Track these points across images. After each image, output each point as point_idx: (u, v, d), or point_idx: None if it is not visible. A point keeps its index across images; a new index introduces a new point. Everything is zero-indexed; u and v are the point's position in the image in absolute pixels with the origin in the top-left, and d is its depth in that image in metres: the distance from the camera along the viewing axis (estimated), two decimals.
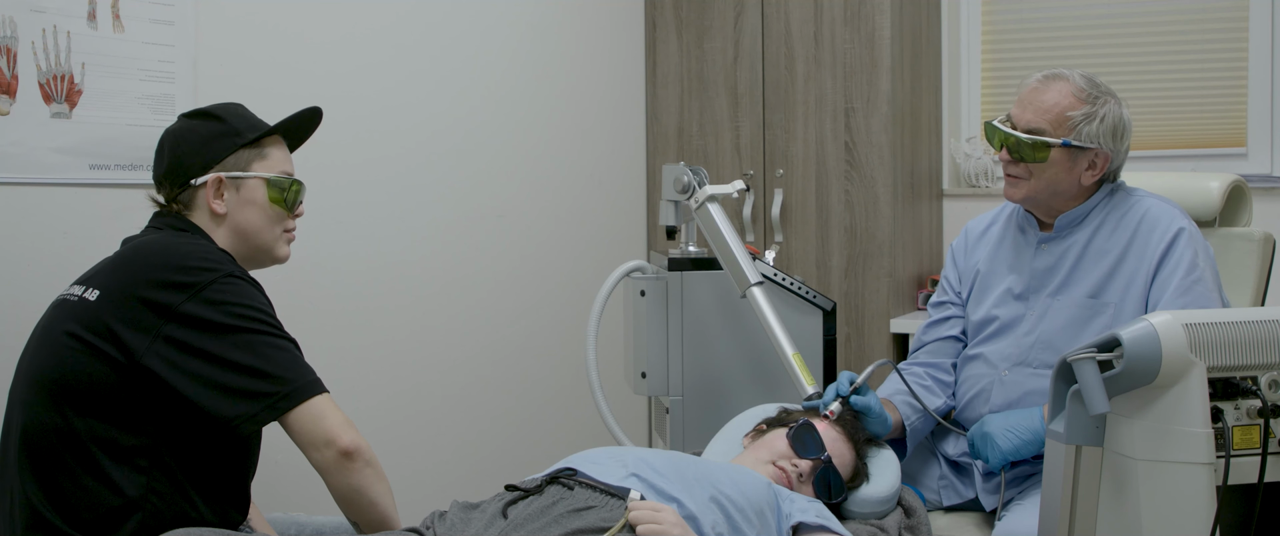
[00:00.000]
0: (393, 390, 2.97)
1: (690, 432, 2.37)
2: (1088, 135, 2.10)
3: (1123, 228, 2.14)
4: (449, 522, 1.69)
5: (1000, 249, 2.29)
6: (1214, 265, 2.12)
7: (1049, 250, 2.20)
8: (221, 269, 1.78)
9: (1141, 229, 2.12)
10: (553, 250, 3.43)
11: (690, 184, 2.36)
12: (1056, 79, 2.13)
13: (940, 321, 2.36)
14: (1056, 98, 2.11)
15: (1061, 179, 2.13)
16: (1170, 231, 2.09)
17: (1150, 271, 2.09)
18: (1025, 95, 2.15)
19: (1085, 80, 2.13)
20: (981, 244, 2.34)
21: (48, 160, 2.24)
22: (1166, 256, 2.08)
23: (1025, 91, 2.16)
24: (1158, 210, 2.14)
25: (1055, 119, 2.10)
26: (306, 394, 1.76)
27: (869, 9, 3.37)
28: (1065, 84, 2.12)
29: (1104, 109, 2.11)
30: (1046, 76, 2.15)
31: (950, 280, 2.38)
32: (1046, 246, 2.20)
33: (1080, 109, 2.10)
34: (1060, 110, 2.10)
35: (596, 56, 3.59)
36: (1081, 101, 2.10)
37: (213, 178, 1.89)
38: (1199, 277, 2.06)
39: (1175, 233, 2.09)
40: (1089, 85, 2.12)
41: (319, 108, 2.05)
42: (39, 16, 2.21)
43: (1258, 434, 1.52)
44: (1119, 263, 2.12)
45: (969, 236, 2.38)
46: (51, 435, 1.74)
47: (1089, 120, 2.09)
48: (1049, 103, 2.11)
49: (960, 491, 2.25)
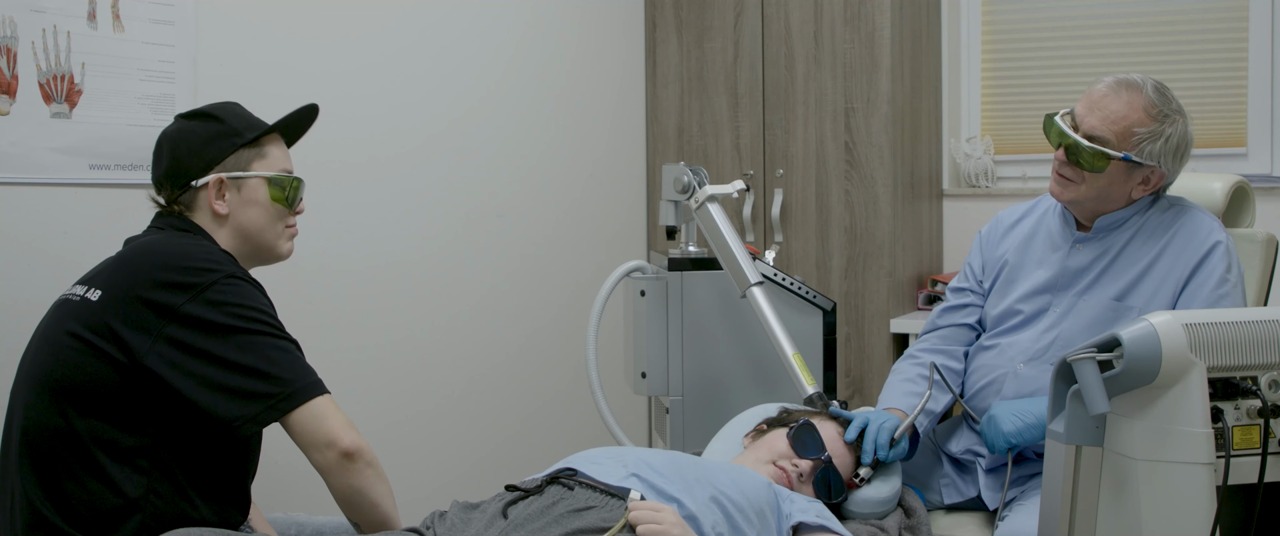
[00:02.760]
0: (393, 390, 2.97)
1: (690, 432, 2.37)
2: (1150, 153, 2.05)
3: (1160, 235, 2.11)
4: (449, 522, 1.69)
5: (1032, 243, 2.26)
6: (1243, 281, 2.11)
7: (1084, 250, 2.17)
8: (223, 269, 1.78)
9: (1178, 238, 2.10)
10: (553, 250, 3.43)
11: (690, 184, 2.36)
12: (1129, 88, 2.06)
13: (957, 308, 2.34)
14: (1126, 109, 2.04)
15: (1113, 190, 2.10)
16: (1207, 243, 2.07)
17: (1181, 280, 2.07)
18: (1094, 98, 2.08)
19: (1157, 94, 2.06)
20: (1012, 235, 2.31)
21: (48, 160, 2.24)
22: (1200, 266, 2.06)
23: (1095, 94, 2.08)
24: (1197, 221, 2.11)
25: (1121, 131, 2.04)
26: (308, 395, 1.76)
27: (869, 9, 3.37)
28: (1137, 95, 2.05)
29: (1171, 128, 2.05)
30: (1119, 82, 2.07)
31: (974, 268, 2.35)
32: (1082, 246, 2.18)
33: (1148, 126, 2.04)
34: (1128, 124, 2.04)
35: (596, 56, 3.59)
36: (1151, 118, 2.04)
37: (214, 179, 1.89)
38: (1228, 292, 2.05)
39: (1212, 245, 2.07)
40: (1161, 100, 2.05)
41: (315, 104, 2.05)
42: (39, 16, 2.21)
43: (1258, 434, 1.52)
44: (1150, 268, 2.10)
45: (999, 226, 2.35)
46: (52, 435, 1.74)
47: (1154, 139, 2.04)
48: (1118, 112, 2.04)
49: (962, 489, 2.24)
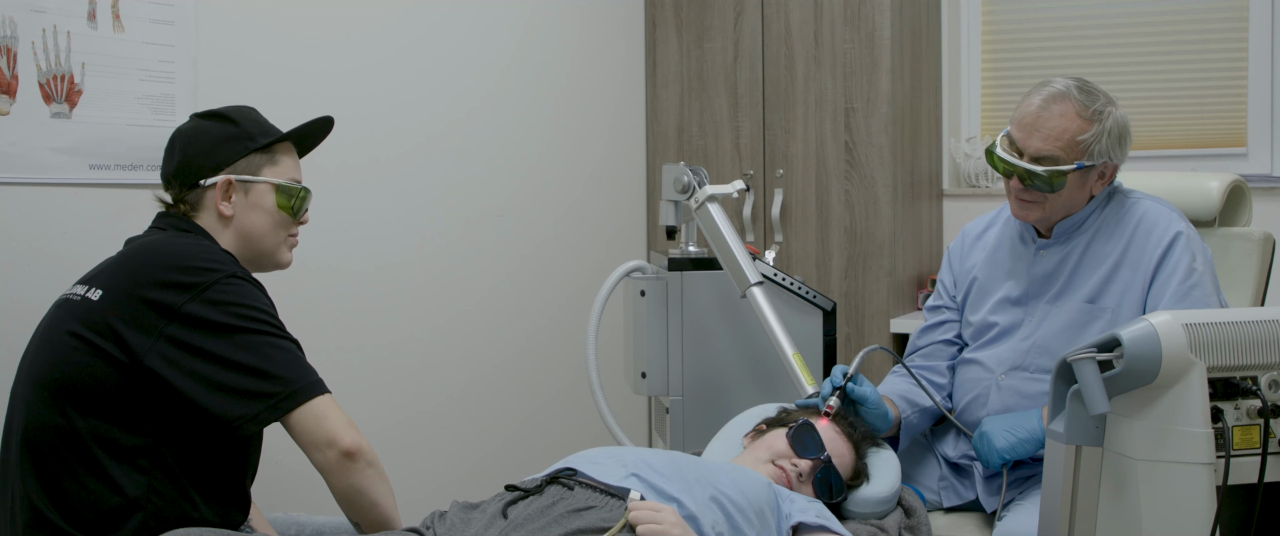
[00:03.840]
0: (393, 390, 2.97)
1: (690, 432, 2.37)
2: (1098, 152, 2.07)
3: (1120, 232, 2.13)
4: (449, 522, 1.69)
5: (997, 254, 2.28)
6: (1212, 267, 2.11)
7: (1048, 256, 2.18)
8: (224, 269, 1.79)
9: (1139, 233, 2.11)
10: (553, 250, 3.43)
11: (690, 184, 2.36)
12: (1058, 99, 2.07)
13: (935, 325, 2.36)
14: (1063, 122, 2.05)
15: (1076, 198, 2.12)
16: (1167, 235, 2.08)
17: (1148, 275, 2.08)
18: (1028, 119, 2.09)
19: (1083, 92, 2.08)
20: (978, 247, 2.33)
21: (48, 160, 2.24)
22: (1164, 260, 2.07)
23: (1027, 115, 2.09)
24: (1155, 213, 2.12)
25: (1067, 144, 2.05)
26: (308, 394, 1.76)
27: (869, 9, 3.37)
28: (1068, 103, 2.06)
29: (1108, 121, 2.07)
30: (1046, 98, 2.08)
31: (946, 284, 2.37)
32: (1045, 252, 2.19)
33: (1089, 130, 2.05)
34: (1070, 135, 2.05)
35: (596, 56, 3.59)
36: (1088, 121, 2.06)
37: (222, 180, 1.90)
38: (1197, 282, 2.05)
39: (1172, 236, 2.08)
40: (1088, 98, 2.07)
41: (331, 117, 2.06)
42: (39, 16, 2.21)
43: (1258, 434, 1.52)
44: (1117, 267, 2.11)
45: (965, 239, 2.37)
46: (53, 435, 1.74)
47: (1098, 138, 2.06)
48: (1057, 128, 2.05)
49: (960, 492, 2.25)
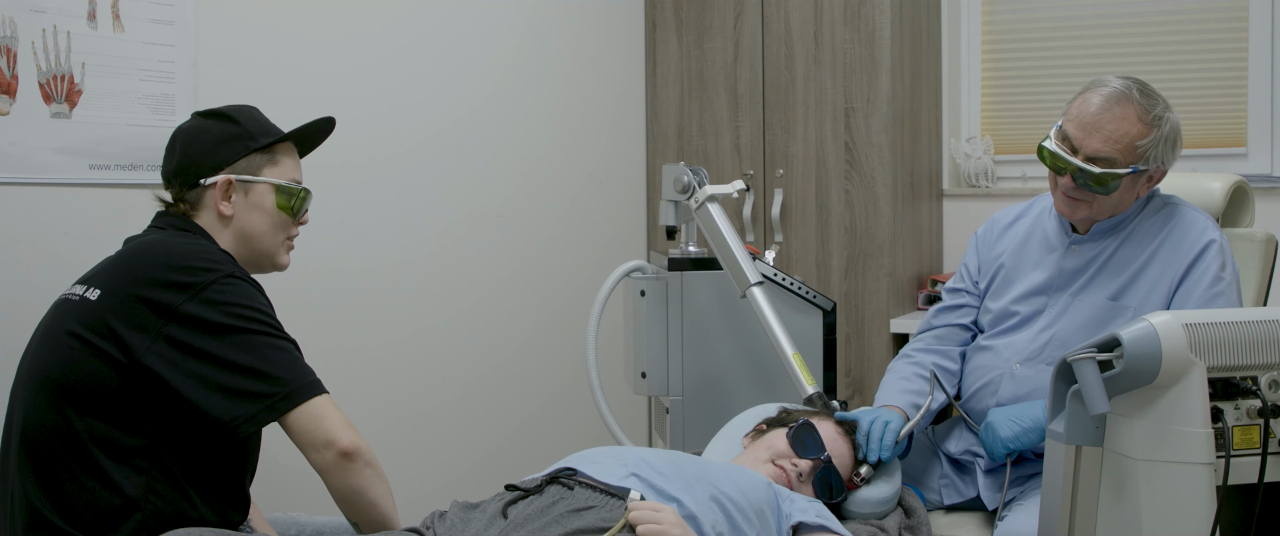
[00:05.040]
0: (393, 390, 2.96)
1: (690, 432, 2.37)
2: (1153, 157, 2.04)
3: (1154, 235, 2.12)
4: (449, 522, 1.69)
5: (1027, 244, 2.26)
6: (1238, 280, 2.11)
7: (1079, 251, 2.17)
8: (222, 269, 1.78)
9: (1172, 237, 2.10)
10: (553, 250, 3.43)
11: (690, 184, 2.35)
12: (1120, 101, 2.03)
13: (953, 308, 2.35)
14: (1125, 125, 2.02)
15: (1124, 199, 2.10)
16: (1201, 242, 2.08)
17: (1175, 279, 2.07)
18: (1088, 119, 2.04)
19: (1143, 96, 2.04)
20: (1008, 236, 2.30)
21: (48, 160, 2.24)
22: (1194, 266, 2.07)
23: (1087, 114, 2.04)
24: (1191, 219, 2.11)
25: (1125, 148, 2.02)
26: (306, 394, 1.76)
27: (869, 9, 3.37)
28: (1130, 107, 2.02)
29: (1166, 127, 2.04)
30: (1108, 98, 2.04)
31: (970, 268, 2.35)
32: (1077, 247, 2.18)
33: (1149, 135, 2.02)
34: (1130, 139, 2.02)
35: (596, 56, 3.59)
36: (1148, 125, 2.02)
37: (223, 179, 1.89)
38: (1222, 290, 2.05)
39: (1205, 243, 2.07)
40: (1149, 102, 2.04)
41: (332, 118, 2.06)
42: (39, 16, 2.21)
43: (1258, 434, 1.52)
44: (1144, 268, 2.11)
45: (995, 226, 2.35)
46: (52, 435, 1.74)
47: (1155, 144, 2.03)
48: (1119, 130, 2.02)
49: (961, 490, 2.24)
